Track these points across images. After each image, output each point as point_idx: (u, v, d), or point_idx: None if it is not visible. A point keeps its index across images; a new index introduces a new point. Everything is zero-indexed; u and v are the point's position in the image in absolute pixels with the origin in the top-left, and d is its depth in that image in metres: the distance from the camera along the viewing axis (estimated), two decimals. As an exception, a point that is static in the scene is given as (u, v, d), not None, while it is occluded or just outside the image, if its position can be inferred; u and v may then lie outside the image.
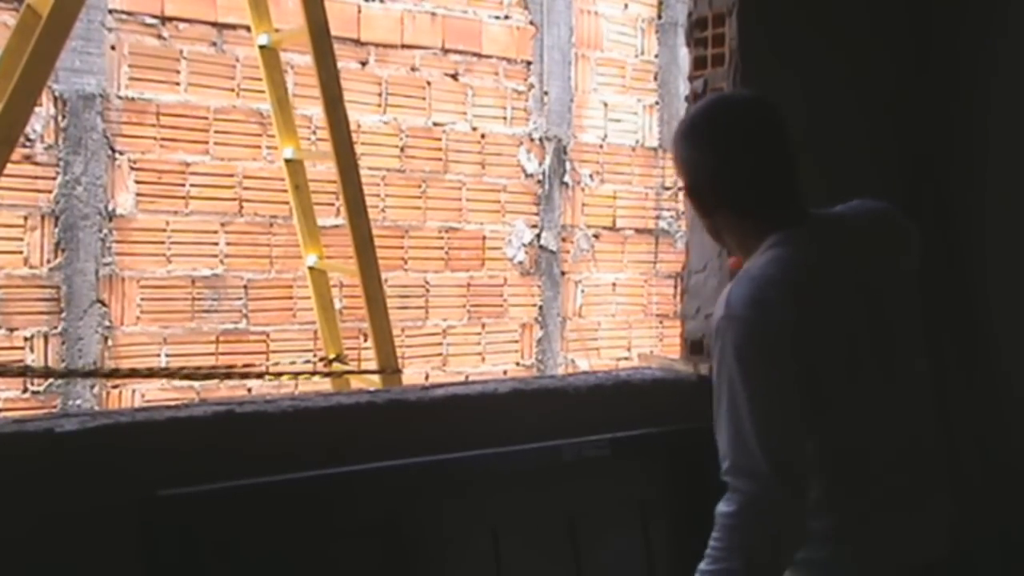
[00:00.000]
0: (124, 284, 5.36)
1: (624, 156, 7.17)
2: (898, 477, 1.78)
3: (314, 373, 4.65)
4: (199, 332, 5.56)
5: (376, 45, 6.08)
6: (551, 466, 2.37)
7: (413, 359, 6.17)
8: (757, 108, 1.84)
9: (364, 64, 6.04)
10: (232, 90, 5.62)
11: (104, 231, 5.28)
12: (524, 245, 6.69)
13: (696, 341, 2.82)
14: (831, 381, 1.72)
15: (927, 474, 1.84)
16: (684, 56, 4.17)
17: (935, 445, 1.87)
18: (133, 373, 4.48)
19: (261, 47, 4.28)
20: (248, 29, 4.52)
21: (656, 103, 7.30)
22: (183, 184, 5.49)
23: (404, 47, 6.18)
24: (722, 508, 1.70)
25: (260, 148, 5.68)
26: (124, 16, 5.33)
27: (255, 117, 5.64)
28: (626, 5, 7.16)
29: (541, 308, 6.79)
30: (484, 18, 6.50)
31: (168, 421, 2.05)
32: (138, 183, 5.37)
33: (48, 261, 5.16)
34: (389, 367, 3.81)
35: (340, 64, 3.83)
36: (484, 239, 6.53)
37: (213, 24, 5.55)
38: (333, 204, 5.24)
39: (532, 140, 6.71)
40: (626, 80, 7.18)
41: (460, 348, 6.46)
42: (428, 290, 6.32)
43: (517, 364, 6.70)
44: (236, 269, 5.66)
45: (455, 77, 6.39)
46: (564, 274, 6.90)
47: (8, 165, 3.31)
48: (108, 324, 5.32)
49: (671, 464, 2.54)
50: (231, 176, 5.63)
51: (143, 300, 5.40)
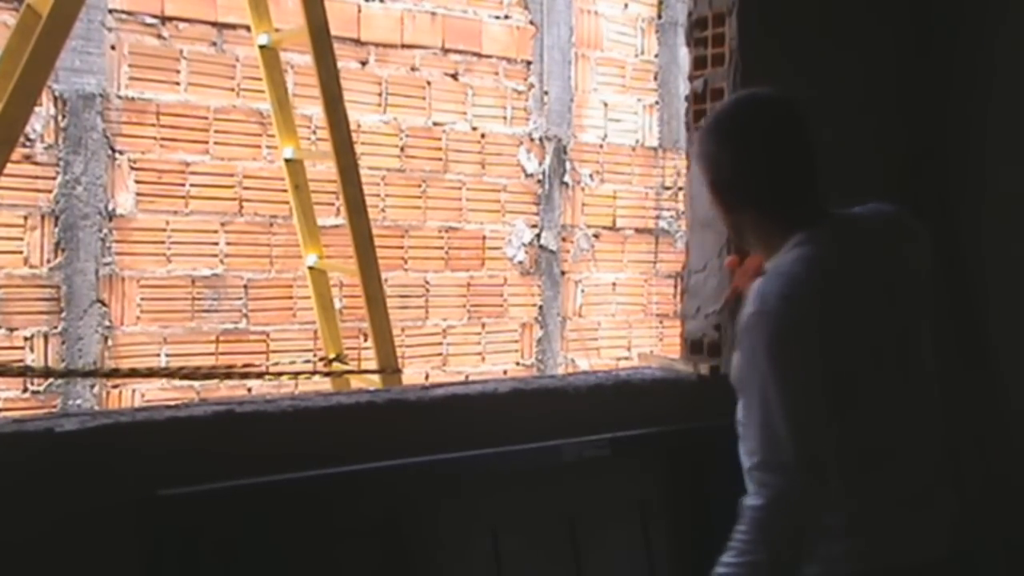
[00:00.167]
0: (124, 284, 5.36)
1: (624, 156, 7.17)
2: (910, 474, 1.82)
3: (314, 373, 4.65)
4: (199, 332, 5.56)
5: (376, 45, 6.07)
6: (551, 466, 2.37)
7: (413, 359, 6.17)
8: (783, 107, 1.86)
9: (364, 64, 6.04)
10: (232, 90, 5.62)
11: (104, 231, 5.28)
12: (524, 245, 6.69)
13: (696, 341, 2.82)
14: (854, 378, 1.76)
15: (935, 472, 1.86)
16: (684, 56, 4.17)
17: (942, 444, 1.90)
18: (133, 373, 4.48)
19: (261, 47, 4.28)
20: (248, 29, 4.52)
21: (656, 103, 7.30)
22: (183, 184, 5.48)
23: (404, 47, 6.18)
24: (750, 501, 1.72)
25: (260, 148, 5.68)
26: (124, 16, 5.33)
27: (255, 117, 5.64)
28: (626, 5, 7.16)
29: (541, 308, 6.79)
30: (484, 18, 6.50)
31: (168, 421, 2.05)
32: (138, 183, 5.37)
33: (48, 261, 5.16)
34: (389, 367, 3.81)
35: (340, 64, 3.83)
36: (484, 239, 6.53)
37: (213, 24, 5.55)
38: (333, 204, 5.24)
39: (532, 140, 6.71)
40: (626, 80, 7.18)
41: (460, 348, 6.45)
42: (428, 290, 6.32)
43: (517, 364, 6.70)
44: (236, 269, 5.65)
45: (455, 77, 6.39)
46: (564, 274, 6.90)
47: (8, 165, 3.31)
48: (108, 324, 5.32)
49: (671, 464, 2.54)
50: (231, 176, 5.63)
51: (143, 300, 5.40)
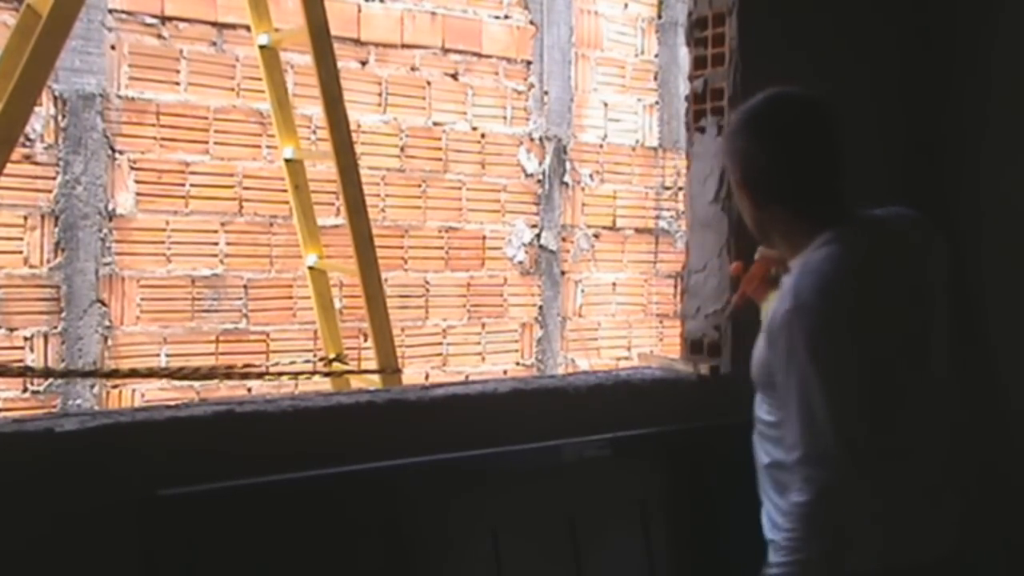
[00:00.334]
0: (124, 284, 5.36)
1: (624, 156, 7.17)
2: (923, 473, 1.85)
3: (314, 373, 4.64)
4: (199, 332, 5.56)
5: (376, 45, 6.07)
6: (551, 466, 2.37)
7: (413, 359, 6.17)
8: (813, 106, 1.88)
9: (364, 64, 6.04)
10: (232, 90, 5.62)
11: (104, 231, 5.28)
12: (524, 245, 6.69)
13: (696, 341, 2.82)
14: (881, 375, 1.78)
15: (944, 472, 1.89)
16: (684, 56, 4.17)
17: (952, 443, 1.93)
18: (133, 373, 4.48)
19: (261, 47, 4.28)
20: (248, 29, 4.51)
21: (656, 103, 7.30)
22: (183, 184, 5.48)
23: (404, 47, 6.18)
24: (795, 498, 1.73)
25: (260, 148, 5.68)
26: (124, 16, 5.33)
27: (255, 117, 5.64)
28: (626, 5, 7.16)
29: (541, 308, 6.79)
30: (484, 18, 6.50)
31: (168, 421, 2.05)
32: (138, 183, 5.37)
33: (48, 261, 5.16)
34: (389, 367, 3.81)
35: (340, 64, 3.83)
36: (484, 239, 6.53)
37: (213, 24, 5.55)
38: (333, 204, 5.24)
39: (532, 140, 6.71)
40: (626, 80, 7.18)
41: (460, 348, 6.45)
42: (428, 290, 6.32)
43: (517, 364, 6.70)
44: (236, 269, 5.65)
45: (455, 77, 6.39)
46: (564, 274, 6.90)
47: (8, 165, 3.31)
48: (108, 324, 5.31)
49: (671, 464, 2.54)
50: (231, 176, 5.63)
51: (143, 300, 5.40)
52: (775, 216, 1.89)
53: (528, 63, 6.68)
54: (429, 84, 6.28)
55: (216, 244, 5.60)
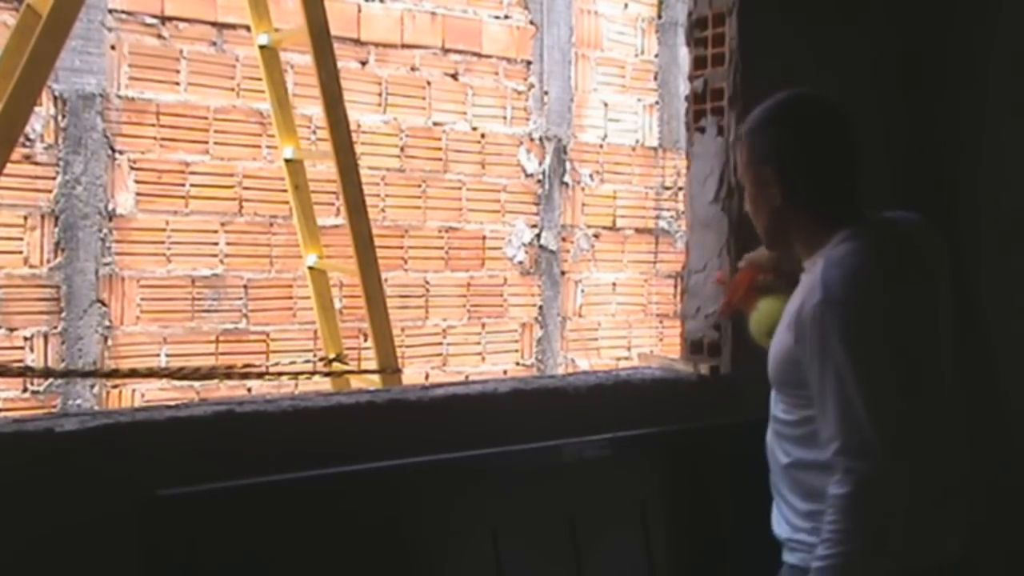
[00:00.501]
0: (124, 284, 5.36)
1: (624, 156, 7.17)
2: (942, 472, 1.86)
3: (314, 373, 4.64)
4: (199, 332, 5.56)
5: (376, 45, 6.07)
6: (551, 466, 2.37)
7: (413, 359, 6.17)
8: (834, 106, 1.92)
9: (364, 64, 6.04)
10: (232, 90, 5.62)
11: (104, 231, 5.28)
12: (524, 245, 6.69)
13: (696, 341, 2.82)
14: (909, 369, 1.79)
15: (959, 472, 1.91)
16: (684, 56, 4.17)
17: (963, 445, 1.95)
18: (133, 373, 4.47)
19: (261, 47, 4.28)
20: (248, 29, 4.51)
21: (656, 103, 7.30)
22: (183, 184, 5.48)
23: (404, 47, 6.18)
24: (836, 490, 1.73)
25: (260, 148, 5.68)
26: (124, 16, 5.33)
27: (255, 117, 5.64)
28: (626, 5, 7.16)
29: (541, 308, 6.78)
30: (484, 18, 6.50)
31: (168, 421, 2.05)
32: (138, 183, 5.37)
33: (48, 261, 5.16)
34: (389, 367, 3.81)
35: (340, 64, 3.83)
36: (484, 239, 6.53)
37: (213, 24, 5.55)
38: (333, 204, 5.24)
39: (532, 140, 6.71)
40: (626, 80, 7.18)
41: (460, 348, 6.45)
42: (428, 290, 6.32)
43: (517, 364, 6.70)
44: (236, 269, 5.65)
45: (455, 77, 6.39)
46: (564, 274, 6.90)
47: (8, 165, 3.31)
48: (108, 324, 5.31)
49: (671, 464, 2.54)
50: (231, 176, 5.63)
51: (143, 300, 5.40)
52: (799, 212, 1.88)
53: (528, 63, 6.68)
54: (429, 84, 6.28)
55: (216, 244, 5.60)
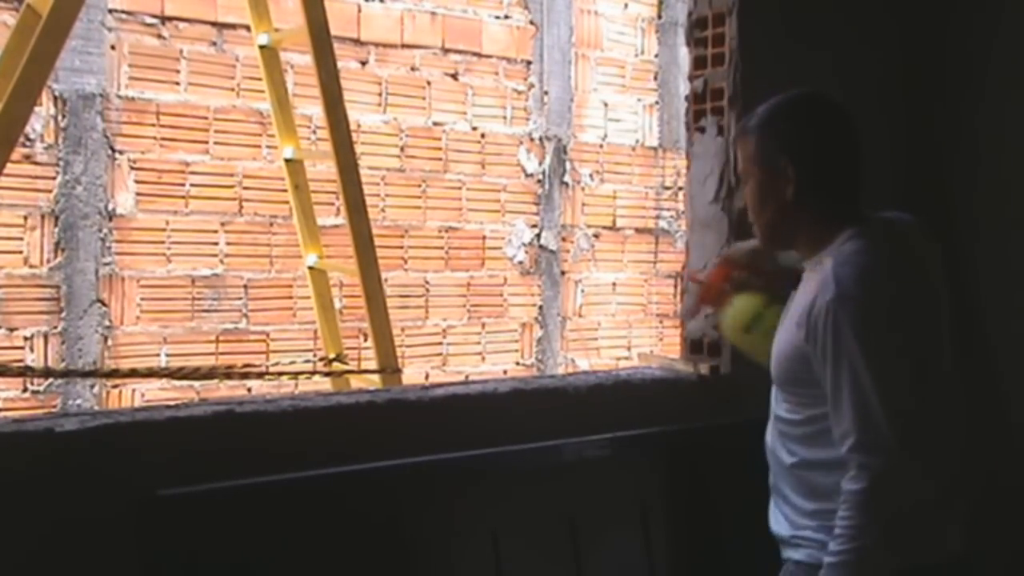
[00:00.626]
0: (124, 284, 5.36)
1: (624, 156, 7.17)
2: (947, 469, 1.85)
3: (314, 373, 4.64)
4: (199, 332, 5.56)
5: (376, 45, 6.07)
6: (551, 466, 2.37)
7: (413, 359, 6.17)
8: (843, 107, 1.92)
9: (364, 64, 6.04)
10: (232, 90, 5.62)
11: (104, 231, 5.28)
12: (524, 245, 6.69)
13: (696, 341, 2.82)
14: (919, 366, 1.79)
15: (958, 470, 1.90)
16: (684, 56, 4.17)
17: (961, 444, 1.94)
18: (133, 373, 4.48)
19: (261, 47, 4.28)
20: (248, 29, 4.51)
21: (656, 103, 7.30)
22: (183, 184, 5.48)
23: (404, 47, 6.18)
24: (851, 486, 1.73)
25: (260, 148, 5.68)
26: (124, 16, 5.33)
27: (255, 117, 5.64)
28: (626, 5, 7.16)
29: (541, 308, 6.78)
30: (484, 18, 6.50)
31: (168, 421, 2.05)
32: (138, 183, 5.37)
33: (48, 261, 5.16)
34: (389, 367, 3.81)
35: (340, 64, 3.83)
36: (484, 239, 6.53)
37: (213, 24, 5.55)
38: (333, 204, 5.24)
39: (532, 140, 6.71)
40: (626, 80, 7.18)
41: (460, 348, 6.45)
42: (428, 290, 6.32)
43: (517, 364, 6.70)
44: (236, 269, 5.65)
45: (455, 77, 6.39)
46: (564, 274, 6.90)
47: (8, 165, 3.31)
48: (108, 324, 5.31)
49: (671, 464, 2.54)
50: (231, 176, 5.63)
51: (143, 300, 5.40)
52: (806, 209, 1.87)
53: (528, 63, 6.68)
54: (429, 84, 6.28)
55: (216, 244, 5.60)
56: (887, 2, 3.01)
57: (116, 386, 5.34)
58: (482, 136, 6.49)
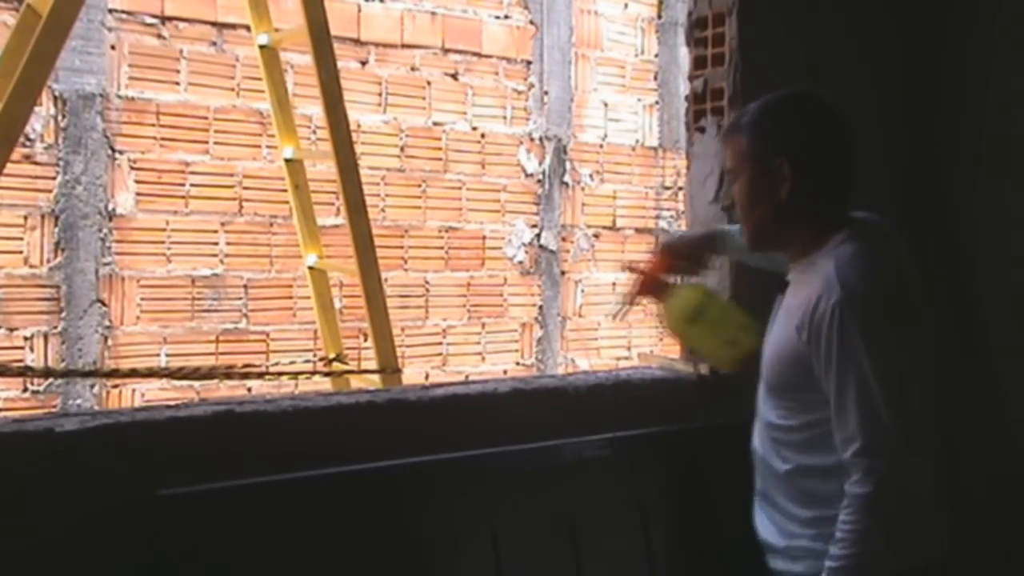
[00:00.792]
0: (124, 284, 5.36)
1: (624, 156, 7.17)
2: (936, 470, 1.84)
3: (314, 373, 4.64)
4: (199, 332, 5.56)
5: (376, 45, 6.07)
6: (551, 466, 2.36)
7: (413, 359, 6.17)
8: (836, 108, 1.91)
9: (364, 64, 6.04)
10: (232, 90, 5.62)
11: (104, 231, 5.28)
12: (524, 245, 6.69)
13: (696, 341, 2.81)
14: (919, 368, 1.80)
15: (942, 474, 1.89)
16: (684, 56, 4.17)
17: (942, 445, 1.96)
18: (133, 373, 4.47)
19: (261, 47, 4.28)
20: (248, 29, 4.51)
21: (656, 103, 7.30)
22: (183, 184, 5.49)
23: (404, 47, 6.18)
24: (856, 490, 1.70)
25: (260, 148, 5.68)
26: (124, 16, 5.33)
27: (255, 117, 5.64)
28: (626, 5, 7.16)
29: (541, 308, 6.79)
30: (484, 18, 6.50)
31: (168, 421, 2.05)
32: (138, 183, 5.37)
33: (48, 261, 5.16)
34: (389, 367, 3.81)
35: (340, 64, 3.83)
36: (484, 239, 6.53)
37: (213, 24, 5.55)
38: (333, 204, 5.24)
39: (532, 140, 6.71)
40: (626, 80, 7.18)
41: (460, 348, 6.45)
42: (428, 290, 6.32)
43: (517, 364, 6.70)
44: (236, 269, 5.65)
45: (455, 77, 6.39)
46: (564, 274, 6.90)
47: (8, 165, 3.30)
48: (108, 324, 5.32)
49: (671, 464, 2.54)
50: (231, 176, 5.63)
51: (143, 300, 5.40)
52: (799, 209, 1.85)
53: (528, 63, 6.68)
54: (429, 84, 6.28)
55: (216, 244, 5.60)
56: (887, 3, 3.01)
57: (116, 386, 5.34)
58: (482, 136, 6.49)
